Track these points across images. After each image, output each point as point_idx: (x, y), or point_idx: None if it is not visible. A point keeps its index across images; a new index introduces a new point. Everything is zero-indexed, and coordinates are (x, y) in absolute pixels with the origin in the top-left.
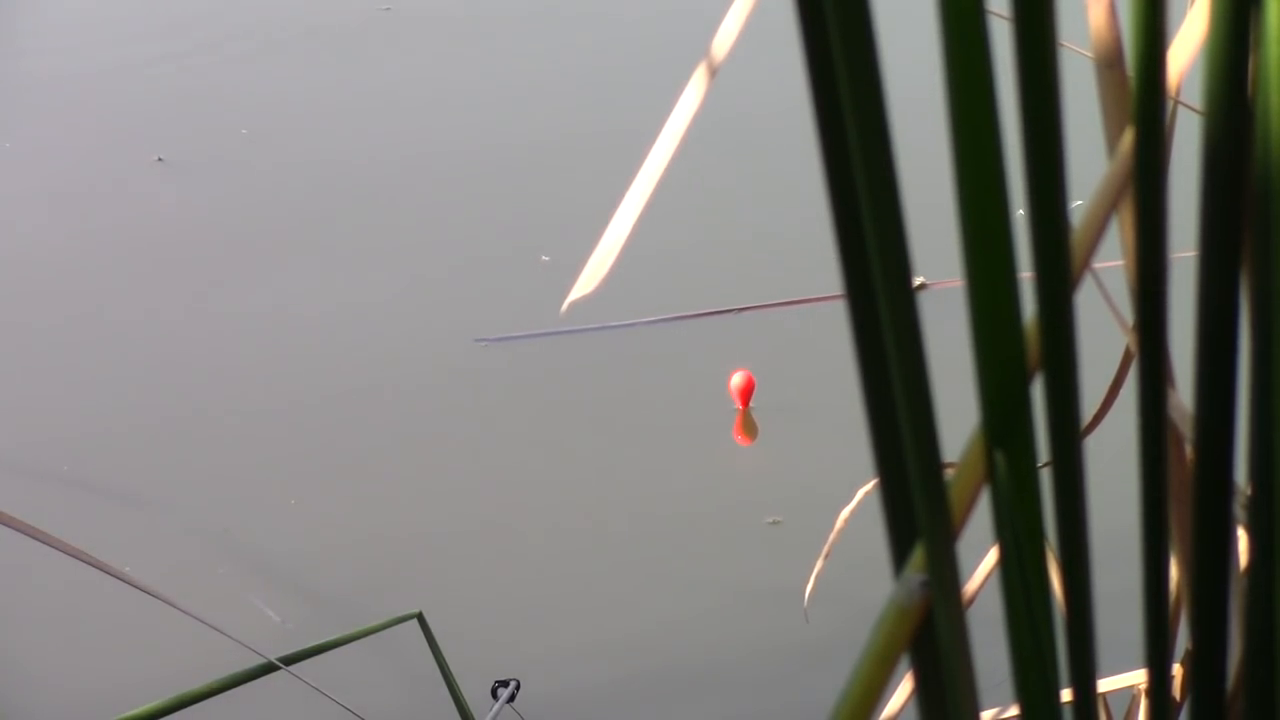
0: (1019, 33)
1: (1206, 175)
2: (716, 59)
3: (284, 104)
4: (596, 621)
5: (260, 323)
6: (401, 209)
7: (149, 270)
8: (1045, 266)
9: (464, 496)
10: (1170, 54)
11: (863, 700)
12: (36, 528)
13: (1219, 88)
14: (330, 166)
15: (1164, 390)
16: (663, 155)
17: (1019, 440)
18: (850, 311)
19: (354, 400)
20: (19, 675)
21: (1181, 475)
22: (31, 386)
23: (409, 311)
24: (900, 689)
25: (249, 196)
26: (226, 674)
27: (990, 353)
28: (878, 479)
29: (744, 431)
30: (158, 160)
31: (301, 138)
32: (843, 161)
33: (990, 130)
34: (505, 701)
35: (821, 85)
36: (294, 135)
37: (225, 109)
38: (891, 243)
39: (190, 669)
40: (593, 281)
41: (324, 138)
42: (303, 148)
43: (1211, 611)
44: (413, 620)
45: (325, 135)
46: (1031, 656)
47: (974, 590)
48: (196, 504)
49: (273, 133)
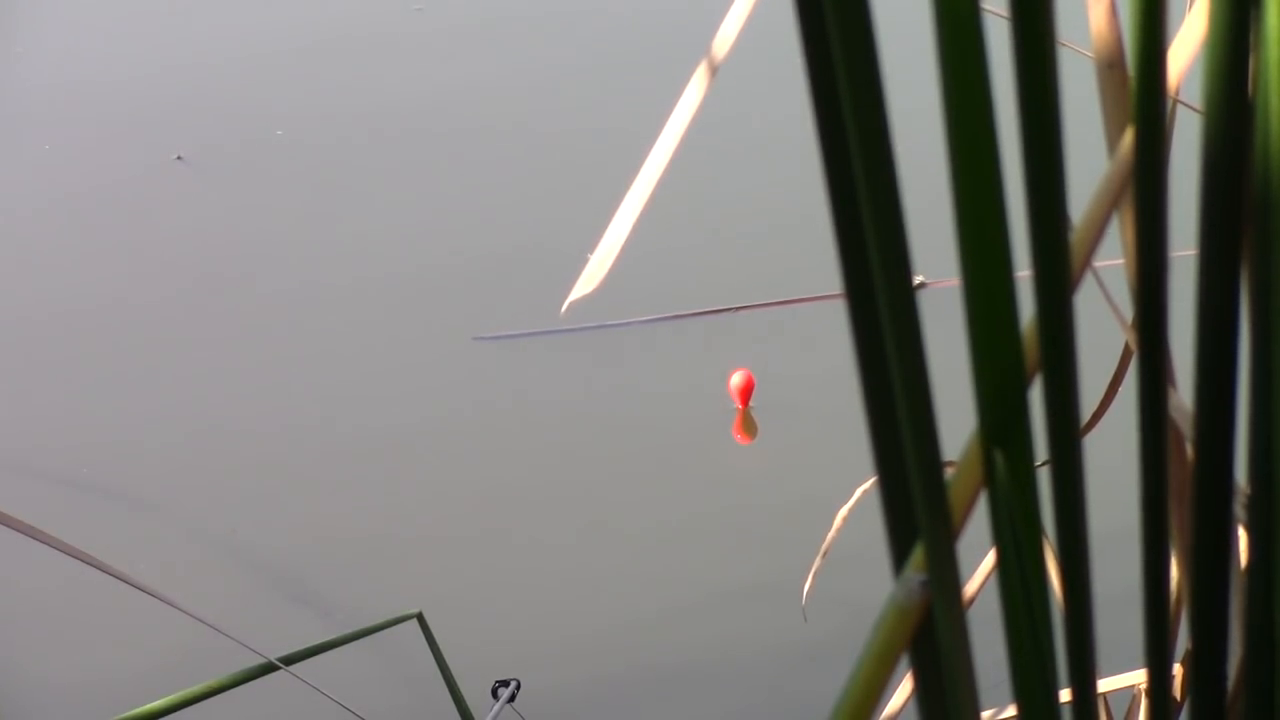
0: (1017, 31)
1: (1206, 175)
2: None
3: (287, 104)
4: (597, 621)
5: (260, 322)
6: (401, 207)
7: (150, 270)
8: (1045, 265)
9: (464, 496)
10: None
11: (863, 700)
12: (37, 528)
13: (1219, 88)
14: (330, 165)
15: (1164, 390)
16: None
17: (1017, 440)
18: (850, 310)
19: (353, 399)
20: (19, 675)
21: (1181, 475)
22: (30, 386)
23: (408, 309)
24: (900, 689)
25: (250, 196)
26: (226, 674)
27: (988, 352)
28: (877, 478)
29: (744, 430)
30: (177, 159)
31: (302, 138)
32: (842, 159)
33: (986, 129)
34: (505, 701)
35: (821, 84)
36: (294, 135)
37: (226, 109)
38: (891, 241)
39: (190, 669)
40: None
41: (324, 138)
42: (303, 147)
43: (1211, 611)
44: (413, 620)
45: (326, 135)
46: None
47: (974, 590)
48: (196, 504)
49: (273, 132)
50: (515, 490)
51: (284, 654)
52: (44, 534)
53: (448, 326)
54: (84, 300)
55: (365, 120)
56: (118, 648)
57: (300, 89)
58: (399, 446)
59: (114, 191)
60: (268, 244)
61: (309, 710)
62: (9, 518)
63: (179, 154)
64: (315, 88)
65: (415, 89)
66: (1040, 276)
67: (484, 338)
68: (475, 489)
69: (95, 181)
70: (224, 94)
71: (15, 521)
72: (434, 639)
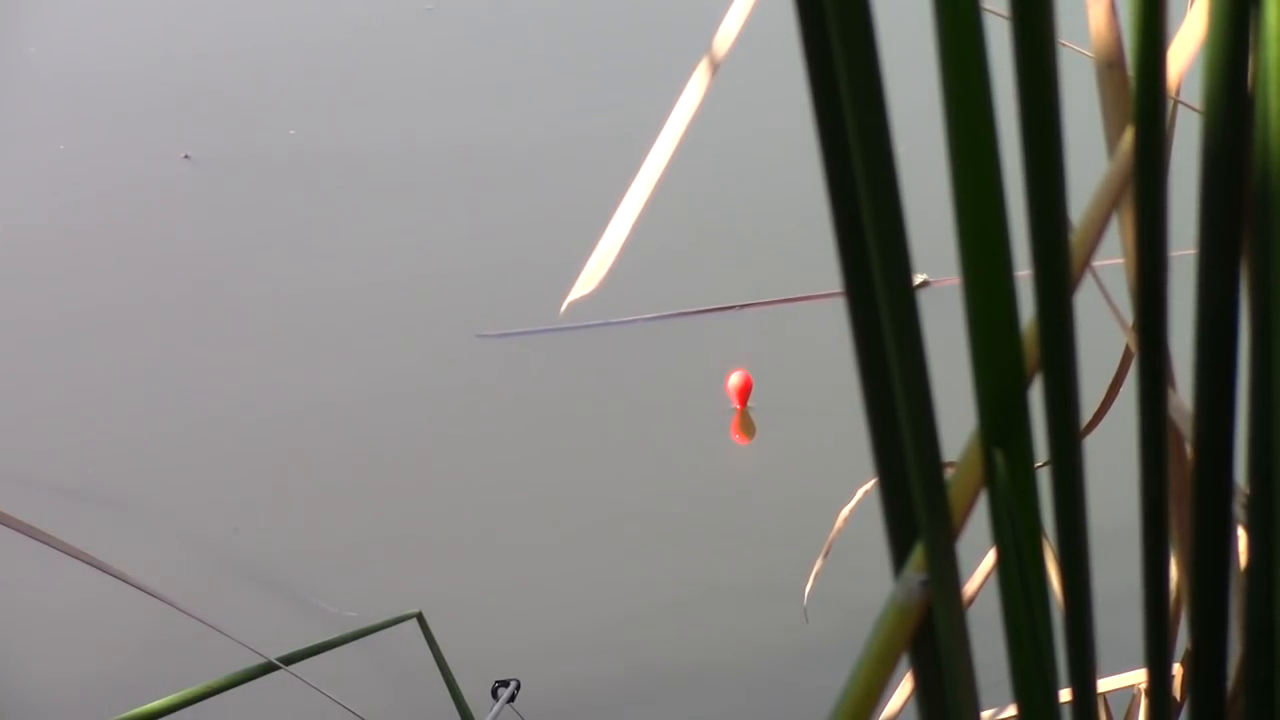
0: (1018, 31)
1: (1206, 175)
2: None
3: (290, 104)
4: (597, 621)
5: (260, 321)
6: (401, 205)
7: (149, 271)
8: (1045, 265)
9: (464, 495)
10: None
11: (863, 700)
12: (37, 528)
13: (1219, 88)
14: (330, 164)
15: (1164, 390)
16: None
17: (1018, 440)
18: (850, 310)
19: (353, 397)
20: (19, 675)
21: (1181, 475)
22: (31, 387)
23: (409, 308)
24: (900, 689)
25: (250, 196)
26: (226, 674)
27: (988, 352)
28: (877, 478)
29: (742, 431)
30: (185, 158)
31: (304, 136)
32: (843, 158)
33: (986, 127)
34: (505, 701)
35: (822, 83)
36: (296, 135)
37: (227, 110)
38: (891, 240)
39: (190, 669)
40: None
41: (324, 136)
42: (304, 146)
43: (1211, 611)
44: (412, 620)
45: (325, 134)
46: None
47: (974, 590)
48: (197, 504)
49: (274, 132)
50: (515, 490)
51: (284, 654)
52: (44, 534)
53: (449, 325)
54: (84, 301)
55: (365, 121)
56: (117, 647)
57: (304, 88)
58: (400, 445)
59: (116, 193)
60: (267, 244)
61: (309, 710)
62: (9, 518)
63: (186, 153)
64: (320, 87)
65: (415, 89)
66: (1040, 276)
67: (486, 336)
68: (476, 489)
69: (102, 182)
70: (233, 94)
71: (15, 522)
72: (434, 639)
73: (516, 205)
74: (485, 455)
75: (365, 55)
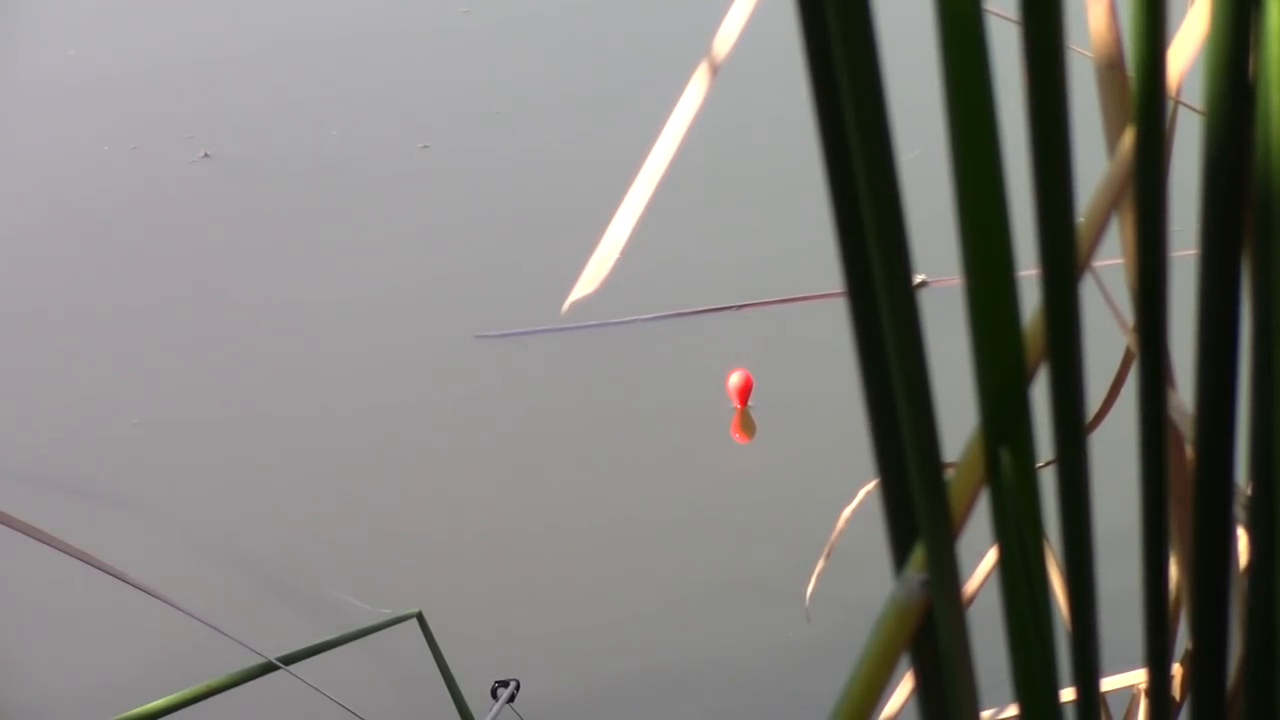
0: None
1: (1206, 175)
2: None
3: (291, 104)
4: (597, 621)
5: (260, 321)
6: (402, 205)
7: (150, 271)
8: (1051, 261)
9: (464, 495)
10: (1170, 54)
11: (863, 700)
12: (36, 528)
13: (1219, 88)
14: (330, 164)
15: (1164, 390)
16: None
17: (1020, 438)
18: (850, 309)
19: (354, 397)
20: (19, 675)
21: (1181, 475)
22: (31, 386)
23: (409, 308)
24: (900, 689)
25: (250, 196)
26: (226, 674)
27: (990, 350)
28: (878, 478)
29: (742, 430)
30: (204, 156)
31: (303, 136)
32: (843, 157)
33: (988, 126)
34: (505, 701)
35: (823, 82)
36: (296, 135)
37: (227, 110)
38: (892, 240)
39: (190, 669)
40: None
41: (324, 136)
42: (304, 147)
43: (1211, 611)
44: (413, 620)
45: (325, 134)
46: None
47: (974, 590)
48: (197, 504)
49: (276, 131)
50: (516, 490)
51: (284, 654)
52: (44, 534)
53: (449, 325)
54: (86, 301)
55: (365, 121)
56: (118, 648)
57: (304, 88)
58: (399, 444)
59: (117, 192)
60: (267, 244)
61: (309, 710)
62: (9, 518)
63: (206, 151)
64: (320, 87)
65: (417, 89)
66: (1046, 272)
67: (486, 335)
68: (476, 488)
69: (102, 182)
70: (234, 94)
71: (15, 521)
72: (434, 639)
73: (517, 205)
74: (485, 455)
75: (365, 56)
